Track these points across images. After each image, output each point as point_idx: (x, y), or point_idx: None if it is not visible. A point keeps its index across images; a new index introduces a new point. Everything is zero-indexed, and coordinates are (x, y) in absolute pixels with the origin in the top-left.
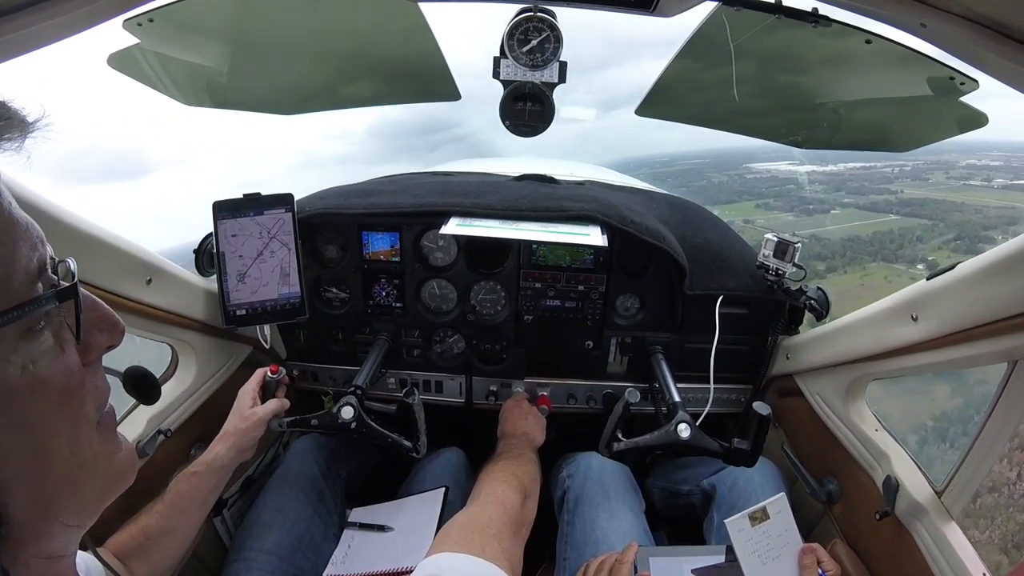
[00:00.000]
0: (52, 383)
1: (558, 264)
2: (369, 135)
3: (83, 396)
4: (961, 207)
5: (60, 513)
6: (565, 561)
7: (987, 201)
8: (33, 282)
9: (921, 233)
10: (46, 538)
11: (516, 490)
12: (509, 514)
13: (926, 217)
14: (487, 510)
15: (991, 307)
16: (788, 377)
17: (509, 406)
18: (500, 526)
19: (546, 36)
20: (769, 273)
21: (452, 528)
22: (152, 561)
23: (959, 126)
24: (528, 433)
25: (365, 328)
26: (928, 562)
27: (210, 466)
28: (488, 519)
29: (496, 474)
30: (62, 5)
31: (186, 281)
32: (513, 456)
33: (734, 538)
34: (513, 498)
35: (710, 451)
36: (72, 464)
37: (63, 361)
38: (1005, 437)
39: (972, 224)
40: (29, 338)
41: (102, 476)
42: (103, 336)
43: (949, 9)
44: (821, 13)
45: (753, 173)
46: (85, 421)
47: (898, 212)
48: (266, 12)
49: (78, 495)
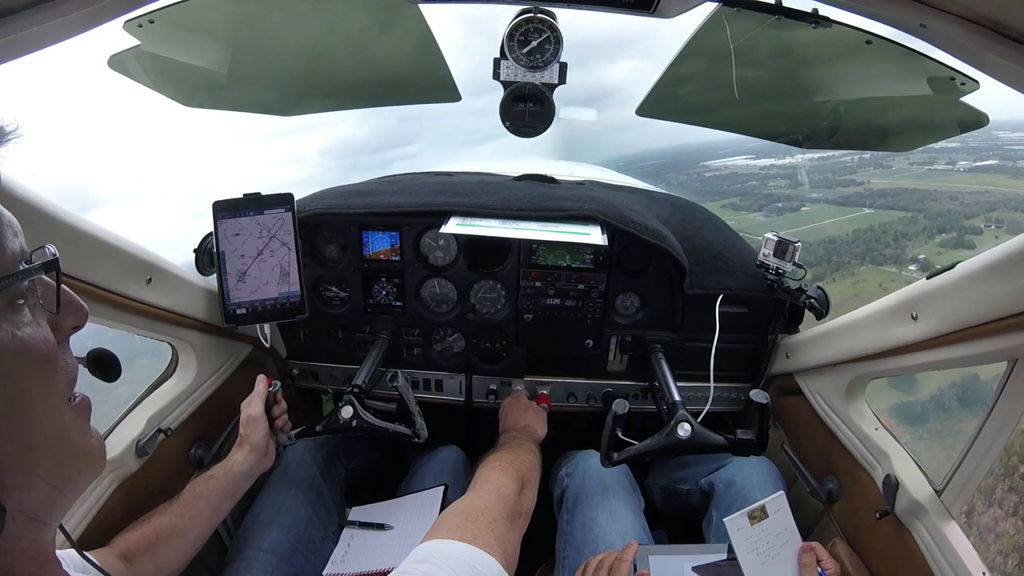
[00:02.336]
0: (34, 348)
1: (558, 263)
2: (321, 155)
3: (56, 366)
4: (935, 195)
5: (37, 467)
6: (564, 560)
7: (959, 186)
8: (17, 261)
9: (903, 228)
10: (27, 490)
11: (513, 478)
12: (504, 502)
13: (902, 208)
14: (482, 498)
15: (991, 306)
16: (788, 376)
17: (508, 402)
18: (495, 514)
19: (546, 37)
20: (769, 272)
21: (447, 515)
22: (160, 560)
23: (959, 126)
24: (529, 426)
25: (365, 327)
26: (928, 561)
27: (228, 471)
28: (483, 506)
29: (493, 463)
30: (63, 6)
31: (186, 280)
32: (512, 446)
33: (733, 537)
34: (509, 486)
35: (715, 445)
36: (46, 425)
37: (40, 332)
38: (1005, 436)
39: (954, 214)
40: (14, 309)
41: (74, 447)
42: (70, 318)
43: (949, 9)
44: (821, 13)
45: (711, 171)
46: (56, 391)
47: (872, 205)
48: (267, 13)
49: (51, 453)
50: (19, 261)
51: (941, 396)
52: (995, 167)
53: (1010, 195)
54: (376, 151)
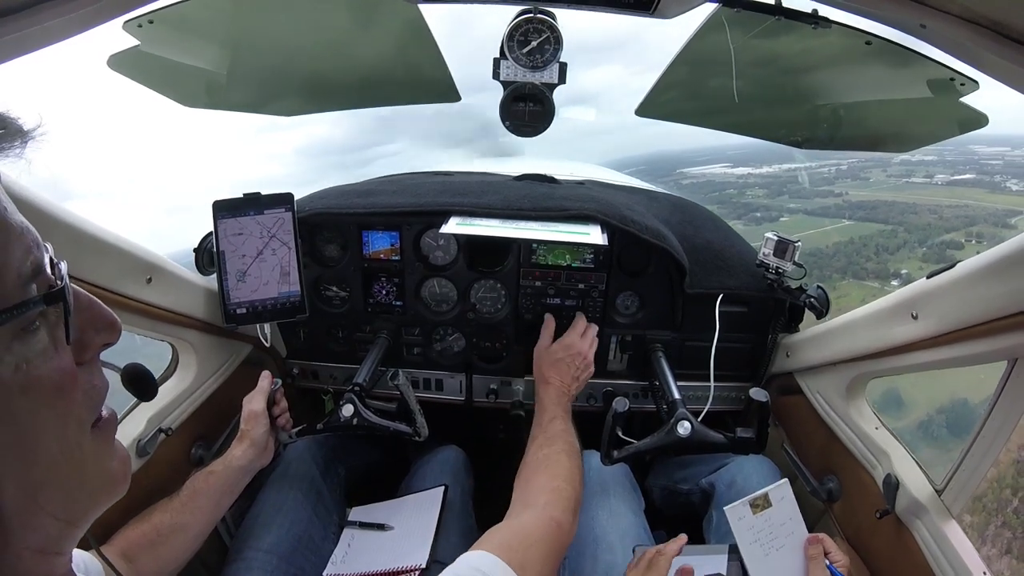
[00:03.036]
0: (44, 382)
1: (558, 263)
2: (297, 154)
3: (74, 395)
4: (914, 208)
5: (46, 505)
6: (565, 559)
7: (937, 200)
8: (26, 284)
9: (884, 241)
10: (33, 529)
11: (571, 510)
12: (560, 540)
13: (881, 221)
14: (540, 527)
15: (991, 306)
16: (788, 375)
17: (539, 352)
18: (547, 550)
19: (546, 37)
20: (769, 272)
21: (503, 532)
22: (161, 558)
23: (959, 126)
24: (563, 385)
25: (365, 327)
26: (928, 561)
27: (228, 467)
28: (540, 537)
29: (556, 480)
30: (63, 6)
31: (186, 280)
32: (571, 454)
33: (734, 526)
34: (568, 521)
35: (715, 444)
36: (60, 460)
37: (56, 361)
38: (1005, 435)
39: (935, 227)
40: (23, 338)
41: (91, 478)
42: (100, 335)
43: (949, 10)
44: (821, 14)
45: (689, 178)
46: (75, 420)
47: (851, 216)
48: (266, 14)
49: (64, 490)
50: (30, 283)
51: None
52: (973, 181)
53: (989, 210)
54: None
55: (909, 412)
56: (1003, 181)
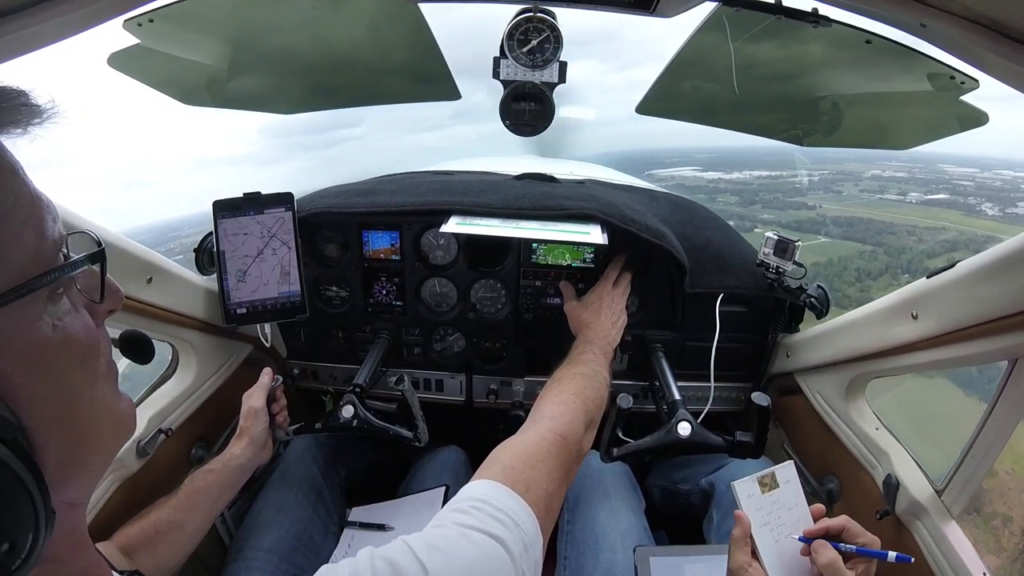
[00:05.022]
0: (77, 338)
1: (558, 262)
2: (261, 133)
3: (99, 351)
4: (892, 227)
5: (87, 458)
6: (565, 560)
7: (913, 219)
8: (58, 250)
9: (864, 264)
10: (74, 482)
11: (582, 421)
12: (567, 452)
13: (860, 240)
14: (545, 443)
15: (991, 305)
16: (788, 375)
17: (571, 308)
18: (553, 466)
19: (546, 36)
20: (769, 271)
21: (504, 455)
22: (160, 555)
23: (960, 125)
24: (601, 329)
25: (365, 327)
26: (928, 561)
27: (226, 464)
28: (545, 453)
29: (561, 392)
30: (63, 6)
31: (186, 280)
32: (587, 375)
33: (744, 504)
34: (574, 432)
35: (713, 446)
36: (93, 412)
37: (81, 320)
38: (1005, 436)
39: (915, 251)
40: (54, 300)
41: (113, 431)
42: (108, 301)
43: (949, 9)
44: (821, 13)
45: (657, 180)
46: (101, 374)
47: (827, 233)
48: (266, 12)
49: (100, 441)
50: (60, 249)
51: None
52: (947, 202)
53: (968, 234)
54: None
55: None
56: (977, 204)
